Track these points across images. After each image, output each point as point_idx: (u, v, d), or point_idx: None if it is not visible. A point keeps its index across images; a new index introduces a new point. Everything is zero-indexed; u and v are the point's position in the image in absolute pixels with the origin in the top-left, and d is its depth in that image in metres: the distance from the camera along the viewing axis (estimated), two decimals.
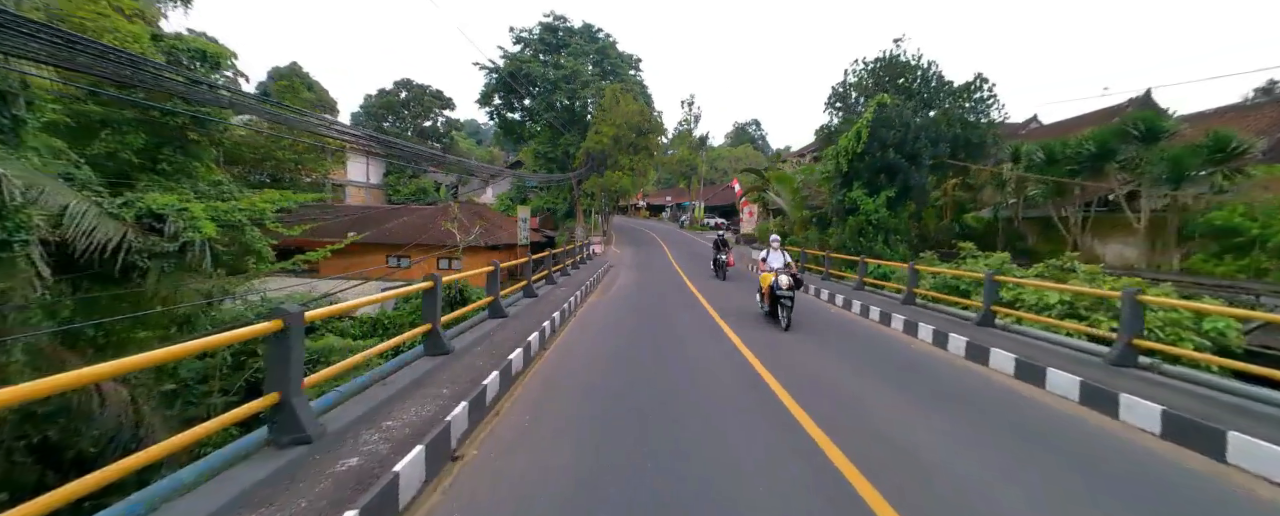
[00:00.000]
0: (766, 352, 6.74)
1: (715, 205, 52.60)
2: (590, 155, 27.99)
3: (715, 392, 5.11)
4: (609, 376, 5.75)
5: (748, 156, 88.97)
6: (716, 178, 63.97)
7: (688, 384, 5.40)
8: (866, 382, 5.57)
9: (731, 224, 48.44)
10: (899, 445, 3.76)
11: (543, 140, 35.74)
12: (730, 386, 5.31)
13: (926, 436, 3.96)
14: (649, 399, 4.78)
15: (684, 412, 4.41)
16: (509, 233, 28.92)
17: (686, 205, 54.74)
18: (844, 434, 3.89)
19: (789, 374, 5.69)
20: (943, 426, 4.19)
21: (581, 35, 34.08)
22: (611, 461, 3.41)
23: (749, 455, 3.56)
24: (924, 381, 5.63)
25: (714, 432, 3.94)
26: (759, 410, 4.55)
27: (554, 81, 32.32)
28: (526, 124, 37.56)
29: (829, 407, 4.56)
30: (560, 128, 32.86)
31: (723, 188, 60.88)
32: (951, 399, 5.00)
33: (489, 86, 34.67)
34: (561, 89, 31.78)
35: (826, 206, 15.13)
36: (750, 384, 5.34)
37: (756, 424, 4.22)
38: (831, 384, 5.50)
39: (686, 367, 6.15)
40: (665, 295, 12.18)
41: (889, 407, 4.70)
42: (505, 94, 35.46)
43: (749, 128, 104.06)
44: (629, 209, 77.08)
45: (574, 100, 32.62)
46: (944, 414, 4.52)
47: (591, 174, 27.32)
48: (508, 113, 37.45)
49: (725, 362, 6.35)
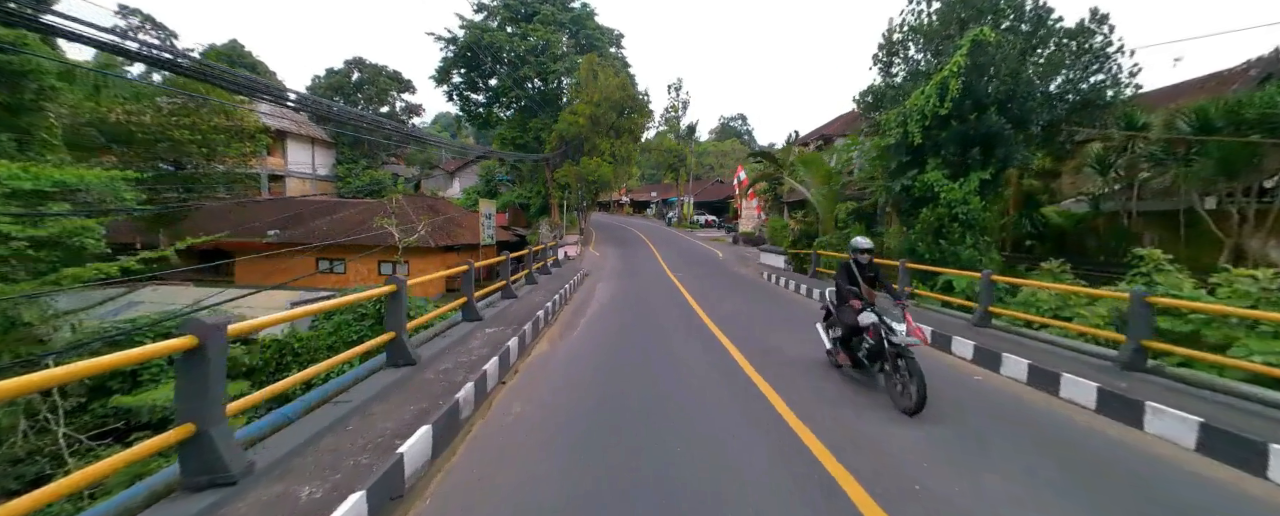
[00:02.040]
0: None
1: (705, 201, 48.50)
2: (564, 139, 23.53)
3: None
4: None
5: (735, 150, 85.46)
6: (703, 173, 59.93)
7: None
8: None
9: (722, 221, 44.51)
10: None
11: (513, 125, 31.08)
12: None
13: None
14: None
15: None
16: (472, 231, 24.20)
17: (673, 201, 50.50)
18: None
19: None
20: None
21: (553, 2, 29.42)
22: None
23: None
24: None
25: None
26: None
27: (522, 55, 27.73)
28: (492, 107, 32.80)
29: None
30: (532, 107, 28.31)
31: (711, 183, 56.88)
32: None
33: (447, 61, 29.78)
34: (531, 64, 27.19)
35: (877, 196, 11.07)
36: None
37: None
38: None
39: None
40: (666, 331, 7.83)
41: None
42: (467, 71, 30.62)
43: (734, 122, 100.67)
44: (611, 205, 72.63)
45: (546, 78, 28.03)
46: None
47: (565, 161, 22.87)
48: (471, 93, 32.59)
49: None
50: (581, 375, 5.49)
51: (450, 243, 25.40)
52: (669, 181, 56.33)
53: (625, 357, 6.18)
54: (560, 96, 28.99)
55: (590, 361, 6.01)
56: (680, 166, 43.16)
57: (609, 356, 6.22)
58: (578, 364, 5.90)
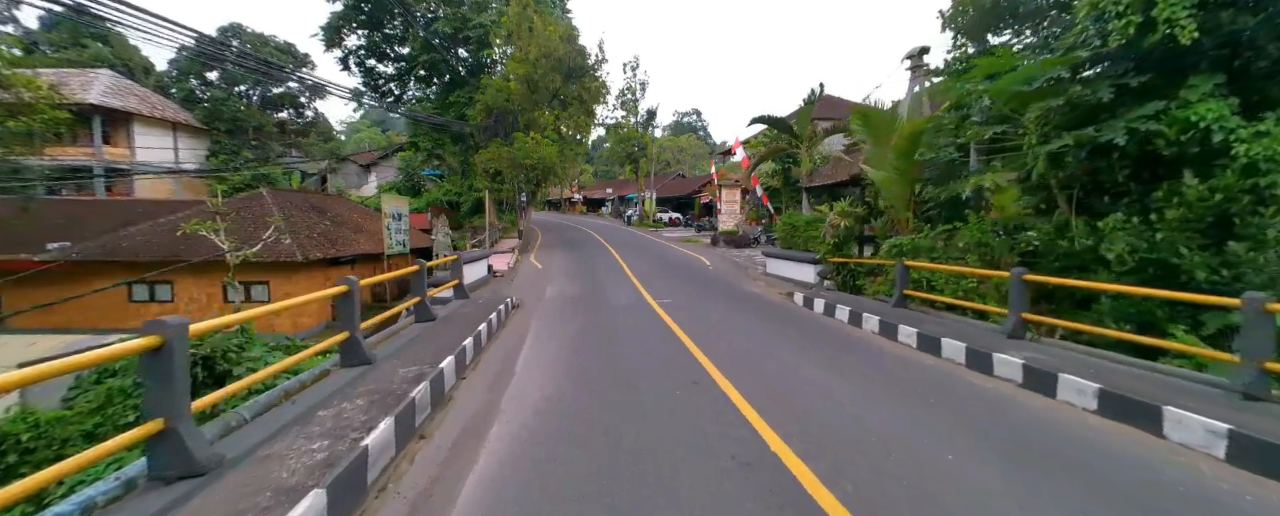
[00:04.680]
0: None
1: (667, 197, 43.22)
2: (492, 112, 17.43)
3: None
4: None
5: (691, 146, 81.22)
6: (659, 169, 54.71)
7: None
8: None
9: (688, 218, 39.42)
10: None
11: (431, 104, 24.47)
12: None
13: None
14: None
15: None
16: (375, 237, 17.88)
17: (633, 198, 44.90)
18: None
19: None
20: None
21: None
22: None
23: None
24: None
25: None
26: None
27: (436, 11, 21.32)
28: (406, 80, 25.98)
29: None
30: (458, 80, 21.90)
31: (673, 177, 51.78)
32: None
33: (336, 17, 22.76)
34: (445, 19, 20.79)
35: (1032, 163, 5.94)
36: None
37: None
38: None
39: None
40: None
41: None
42: (368, 31, 23.71)
43: (689, 118, 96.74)
44: (562, 204, 66.13)
45: (465, 37, 21.68)
46: None
47: (493, 139, 16.73)
48: (375, 62, 25.59)
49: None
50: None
51: (344, 253, 18.82)
52: (626, 176, 50.69)
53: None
54: (492, 67, 22.76)
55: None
56: (640, 156, 37.56)
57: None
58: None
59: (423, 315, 6.29)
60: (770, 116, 11.78)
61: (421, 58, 21.22)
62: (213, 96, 34.85)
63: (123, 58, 39.58)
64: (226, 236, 13.93)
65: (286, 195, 20.71)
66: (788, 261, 11.57)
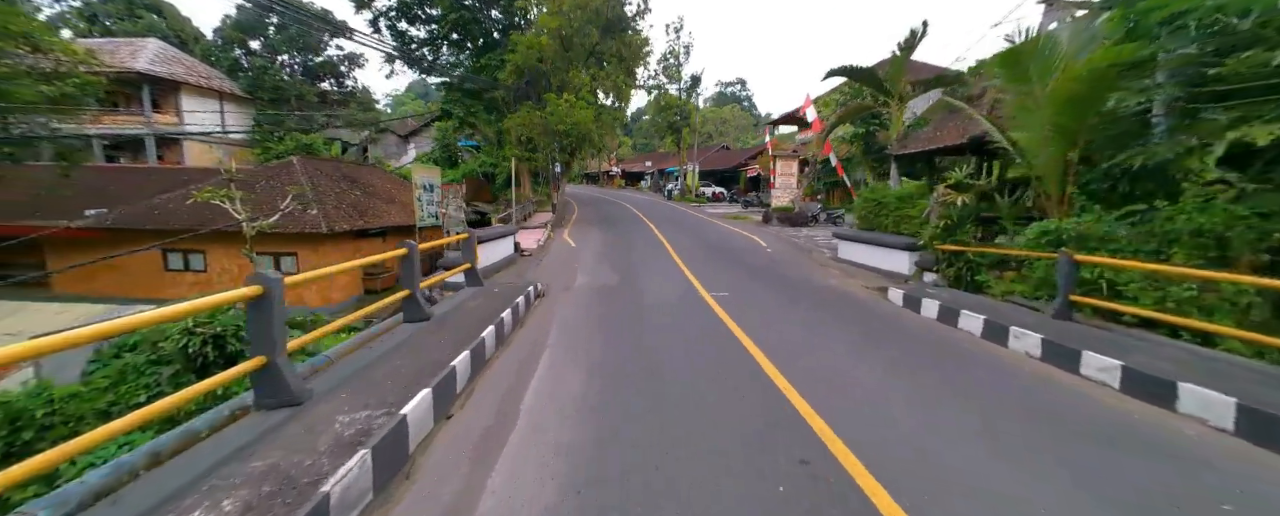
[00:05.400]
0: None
1: (710, 170, 40.67)
2: (523, 73, 15.73)
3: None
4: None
5: (734, 118, 77.03)
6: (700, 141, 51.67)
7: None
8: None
9: (733, 193, 36.88)
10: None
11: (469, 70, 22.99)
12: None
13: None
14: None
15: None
16: (407, 208, 17.00)
17: (673, 171, 42.59)
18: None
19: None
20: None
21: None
22: None
23: None
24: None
25: None
26: None
27: None
28: (439, 45, 24.57)
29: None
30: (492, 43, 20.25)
31: (716, 149, 48.78)
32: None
33: None
34: None
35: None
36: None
37: None
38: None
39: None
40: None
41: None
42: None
43: (733, 88, 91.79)
44: (600, 178, 64.42)
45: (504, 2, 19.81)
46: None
47: (524, 103, 15.05)
48: (406, 25, 24.25)
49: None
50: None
51: (372, 226, 18.08)
52: (666, 149, 48.22)
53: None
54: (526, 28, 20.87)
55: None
56: (682, 126, 35.03)
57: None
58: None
59: (412, 314, 4.81)
60: (853, 67, 9.42)
61: (450, 16, 19.60)
62: (256, 65, 34.76)
63: (175, 29, 40.16)
64: (243, 206, 13.07)
65: (317, 164, 19.95)
66: (870, 246, 9.47)
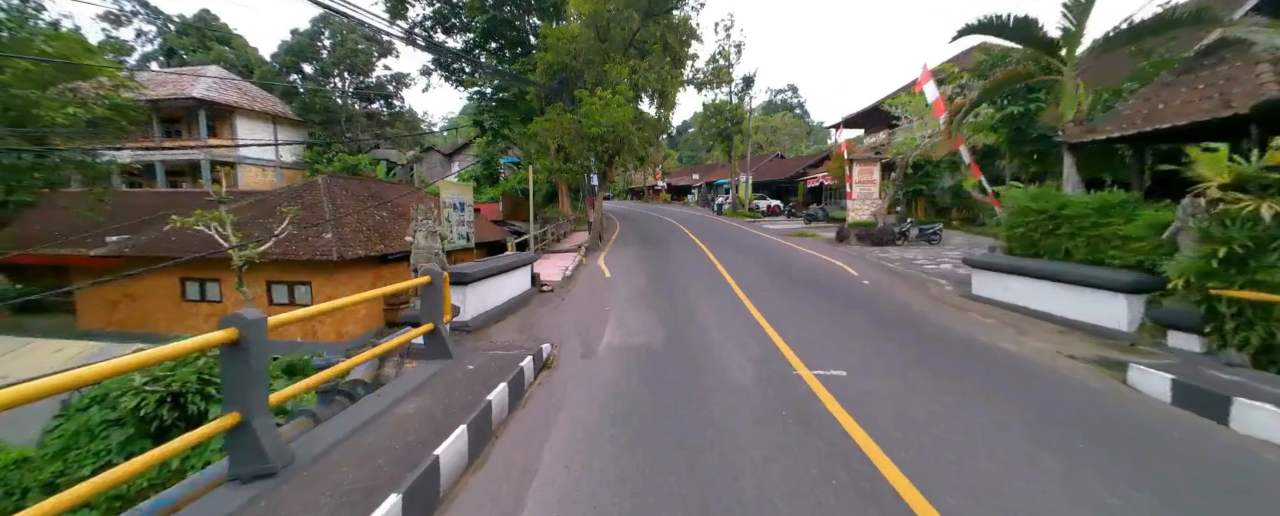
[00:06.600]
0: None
1: (765, 181, 37.40)
2: (557, 73, 13.65)
3: None
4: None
5: (786, 126, 73.06)
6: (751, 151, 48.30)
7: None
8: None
9: (791, 206, 33.42)
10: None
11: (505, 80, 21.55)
12: None
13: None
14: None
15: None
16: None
17: (722, 183, 39.61)
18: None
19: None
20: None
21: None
22: None
23: None
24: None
25: None
26: None
27: None
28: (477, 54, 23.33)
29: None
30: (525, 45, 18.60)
31: (770, 158, 45.34)
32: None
33: None
34: None
35: None
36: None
37: None
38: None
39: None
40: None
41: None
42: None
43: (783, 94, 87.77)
44: (645, 192, 62.24)
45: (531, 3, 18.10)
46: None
47: (554, 103, 12.90)
48: (443, 36, 23.22)
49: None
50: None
51: (386, 250, 16.50)
52: (714, 159, 45.29)
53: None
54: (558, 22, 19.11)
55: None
56: (734, 132, 32.09)
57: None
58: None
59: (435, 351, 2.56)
60: (998, 19, 6.33)
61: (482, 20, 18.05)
62: (308, 88, 35.49)
63: (243, 58, 42.19)
64: (234, 230, 11.49)
65: (344, 183, 18.80)
66: (1040, 281, 6.28)
